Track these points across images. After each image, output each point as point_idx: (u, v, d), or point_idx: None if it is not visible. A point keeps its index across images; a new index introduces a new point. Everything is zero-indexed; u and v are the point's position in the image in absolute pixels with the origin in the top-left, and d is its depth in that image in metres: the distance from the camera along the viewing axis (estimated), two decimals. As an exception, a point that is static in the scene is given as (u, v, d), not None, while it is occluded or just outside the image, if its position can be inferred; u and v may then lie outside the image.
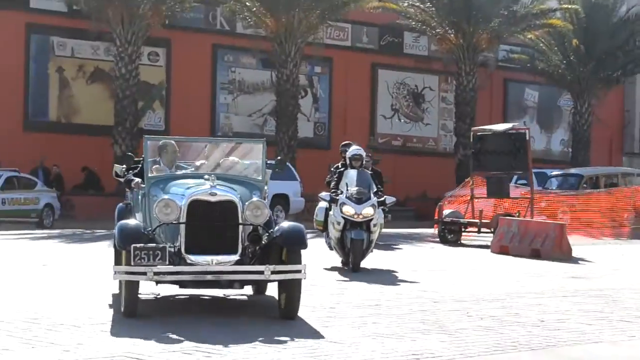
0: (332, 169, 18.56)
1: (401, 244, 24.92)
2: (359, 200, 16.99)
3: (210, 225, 11.10)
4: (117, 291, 12.22)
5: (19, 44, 38.58)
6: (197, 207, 11.02)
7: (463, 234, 25.88)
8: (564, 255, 21.22)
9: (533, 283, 15.90)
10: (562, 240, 21.68)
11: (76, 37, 38.52)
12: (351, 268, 16.81)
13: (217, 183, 11.24)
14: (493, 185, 25.92)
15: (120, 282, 11.26)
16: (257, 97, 42.49)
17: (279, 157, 20.87)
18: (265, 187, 12.45)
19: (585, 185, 32.95)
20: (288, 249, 11.12)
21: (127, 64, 36.68)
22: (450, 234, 25.69)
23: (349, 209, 16.96)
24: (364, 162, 17.84)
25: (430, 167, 44.49)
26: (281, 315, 11.25)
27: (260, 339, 9.64)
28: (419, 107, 47.93)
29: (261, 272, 10.83)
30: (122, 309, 11.07)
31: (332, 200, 17.26)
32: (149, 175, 12.23)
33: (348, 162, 17.72)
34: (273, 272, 10.83)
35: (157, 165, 12.56)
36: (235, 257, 11.02)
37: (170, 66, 41.54)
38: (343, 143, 19.22)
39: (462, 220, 25.68)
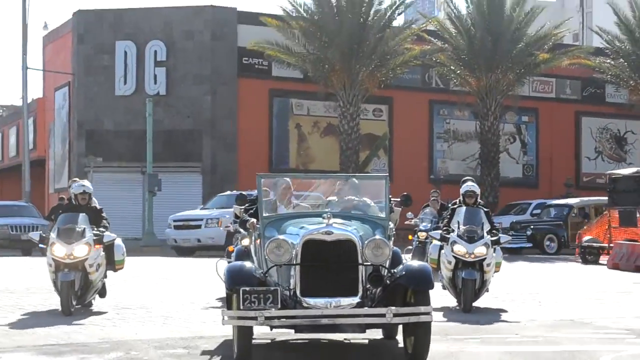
0: (450, 205, 16.95)
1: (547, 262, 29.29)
2: (471, 239, 15.40)
3: (327, 266, 9.98)
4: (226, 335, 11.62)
5: (264, 106, 43.66)
6: (312, 247, 9.93)
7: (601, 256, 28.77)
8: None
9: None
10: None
11: (310, 98, 42.85)
12: (462, 308, 15.16)
13: (333, 221, 10.13)
14: (624, 216, 28.48)
15: (233, 327, 10.14)
16: (470, 144, 45.49)
17: (404, 193, 21.51)
18: (391, 225, 11.27)
19: (574, 215, 35.59)
20: (414, 289, 10.03)
21: (349, 121, 40.76)
22: (590, 255, 28.65)
23: (460, 248, 15.37)
24: (477, 199, 16.07)
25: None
26: None
27: None
28: (621, 149, 49.69)
29: (382, 315, 9.71)
30: (235, 356, 10.08)
31: (443, 239, 15.70)
32: (264, 214, 11.09)
33: (461, 198, 16.01)
34: (396, 315, 9.70)
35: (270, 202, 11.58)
36: (356, 300, 9.90)
37: (392, 120, 45.49)
38: (463, 179, 17.28)
39: (595, 244, 28.76)
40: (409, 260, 11.64)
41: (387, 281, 10.06)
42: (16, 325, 13.24)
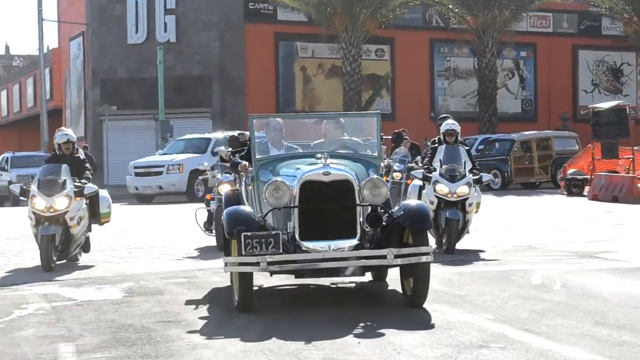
0: (429, 144, 16.63)
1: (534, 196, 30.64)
2: (453, 178, 14.97)
3: (325, 208, 9.70)
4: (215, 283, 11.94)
5: (270, 50, 45.25)
6: (310, 189, 9.62)
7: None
8: (636, 199, 26.05)
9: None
10: (633, 188, 26.67)
11: (315, 41, 44.33)
12: (444, 250, 14.71)
13: (330, 162, 9.83)
14: (606, 149, 30.03)
15: (232, 273, 10.01)
16: (470, 81, 46.90)
17: (395, 130, 19.81)
18: (382, 164, 11.10)
19: (516, 150, 35.83)
20: (412, 229, 9.73)
21: (351, 63, 42.38)
22: (575, 188, 30.23)
23: (443, 188, 14.92)
24: (459, 137, 15.70)
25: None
26: (407, 303, 9.88)
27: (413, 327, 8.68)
28: (617, 81, 51.13)
29: (384, 257, 9.48)
30: (235, 304, 9.84)
31: (425, 178, 15.26)
32: (257, 157, 10.77)
33: (442, 137, 15.56)
34: (397, 256, 9.47)
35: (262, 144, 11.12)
36: (354, 242, 9.65)
37: (394, 60, 47.00)
38: (441, 116, 17.22)
39: (579, 177, 30.31)
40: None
41: (385, 222, 9.80)
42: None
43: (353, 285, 11.44)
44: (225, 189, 14.98)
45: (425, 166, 15.56)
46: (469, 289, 11.19)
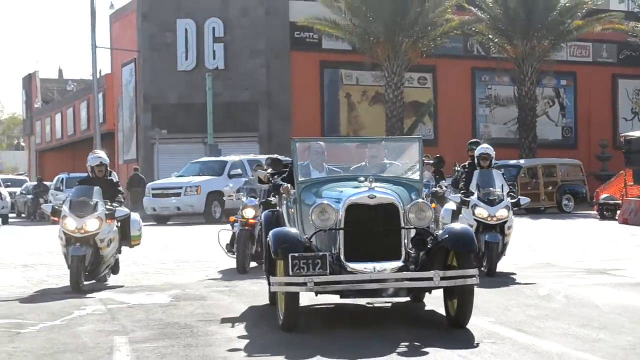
0: (459, 169, 16.95)
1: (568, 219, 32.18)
2: (492, 201, 15.29)
3: (370, 231, 9.93)
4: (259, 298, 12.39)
5: (315, 77, 46.66)
6: (355, 212, 9.90)
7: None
8: (662, 223, 27.10)
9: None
10: (663, 212, 27.74)
11: (359, 68, 45.38)
12: (485, 273, 14.74)
13: (375, 185, 10.10)
14: (637, 175, 31.06)
15: (277, 293, 10.20)
16: (510, 109, 47.69)
17: (437, 155, 19.80)
18: (439, 187, 11.32)
19: (523, 176, 36.71)
20: (457, 252, 9.95)
21: (393, 90, 43.63)
22: (607, 212, 31.34)
23: (482, 211, 15.20)
24: (492, 162, 15.95)
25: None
26: (451, 324, 10.05)
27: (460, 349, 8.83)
28: (658, 108, 52.13)
29: (430, 279, 9.69)
30: (281, 323, 10.07)
31: (463, 203, 15.59)
32: (300, 179, 11.01)
33: (476, 161, 15.91)
34: (443, 278, 9.68)
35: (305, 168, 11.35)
36: (399, 264, 9.86)
37: (436, 87, 48.21)
38: (470, 141, 17.49)
39: (611, 202, 31.41)
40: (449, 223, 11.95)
41: (430, 244, 9.98)
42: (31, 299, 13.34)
43: (389, 305, 11.66)
44: (250, 212, 16.38)
45: (462, 190, 15.84)
46: (479, 297, 12.43)
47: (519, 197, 16.00)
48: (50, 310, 11.91)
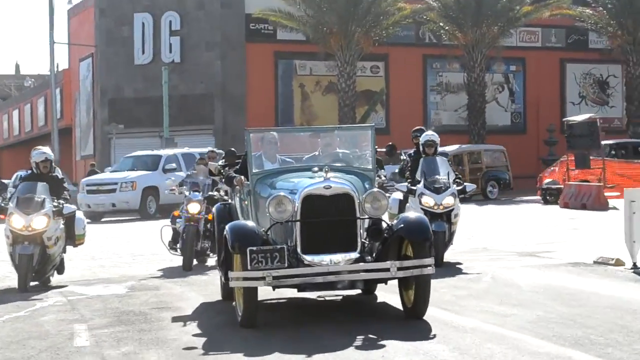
0: (405, 157, 16.79)
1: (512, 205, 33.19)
2: (438, 189, 15.17)
3: (326, 222, 9.90)
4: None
5: (270, 68, 47.56)
6: (311, 203, 9.86)
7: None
8: (602, 206, 28.22)
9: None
10: (600, 196, 28.86)
11: (312, 59, 46.32)
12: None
13: (330, 175, 10.04)
14: (579, 159, 32.28)
15: (236, 288, 10.13)
16: (461, 95, 48.70)
17: (389, 143, 19.07)
18: (377, 177, 11.66)
19: (450, 163, 37.67)
20: (413, 241, 9.93)
21: (346, 80, 44.67)
22: (550, 197, 32.45)
23: (429, 200, 15.09)
24: (437, 149, 15.83)
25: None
26: (408, 315, 10.12)
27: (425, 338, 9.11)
28: (604, 92, 53.38)
29: (387, 269, 9.69)
30: (239, 319, 10.09)
31: (409, 191, 15.38)
32: (254, 171, 10.98)
33: (421, 148, 15.74)
34: (400, 269, 9.68)
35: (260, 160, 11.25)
36: (355, 255, 9.87)
37: (388, 75, 49.26)
38: (415, 128, 17.15)
39: (554, 186, 32.55)
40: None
41: (386, 234, 10.04)
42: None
43: (340, 297, 11.81)
44: (194, 207, 16.24)
45: (408, 179, 15.67)
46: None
47: (465, 184, 15.89)
48: (13, 303, 12.78)
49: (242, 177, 11.23)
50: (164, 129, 43.60)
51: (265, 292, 10.76)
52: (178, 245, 16.66)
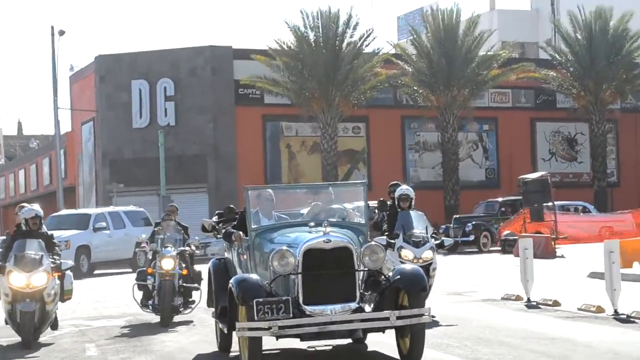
0: (376, 210, 17.10)
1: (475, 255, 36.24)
2: (417, 243, 15.64)
3: (326, 274, 10.45)
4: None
5: (258, 130, 51.57)
6: (312, 256, 10.41)
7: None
8: (550, 255, 31.77)
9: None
10: (548, 246, 32.51)
11: (298, 121, 50.18)
12: None
13: (330, 230, 10.60)
14: (534, 213, 35.96)
15: (240, 339, 10.77)
16: (437, 153, 52.48)
17: (381, 199, 19.19)
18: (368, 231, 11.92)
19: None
20: (410, 292, 10.50)
21: (328, 140, 48.74)
22: (509, 247, 35.96)
23: (408, 253, 15.52)
24: (412, 203, 16.14)
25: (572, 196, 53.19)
26: None
27: None
28: (572, 149, 57.35)
29: (387, 318, 10.23)
30: None
31: (389, 245, 15.47)
32: (253, 226, 11.53)
33: (396, 202, 16.11)
34: (399, 317, 10.23)
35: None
36: (354, 305, 10.41)
37: (369, 135, 53.27)
38: (391, 183, 17.40)
39: (511, 237, 36.06)
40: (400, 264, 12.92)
41: (383, 285, 10.59)
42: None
43: (330, 347, 12.27)
44: (168, 263, 16.36)
45: (386, 232, 16.03)
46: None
47: (443, 238, 16.62)
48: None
49: (241, 232, 11.86)
50: (161, 187, 47.24)
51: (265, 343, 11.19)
52: (150, 302, 16.88)
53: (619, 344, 12.53)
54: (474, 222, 40.02)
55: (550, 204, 35.85)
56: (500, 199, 42.47)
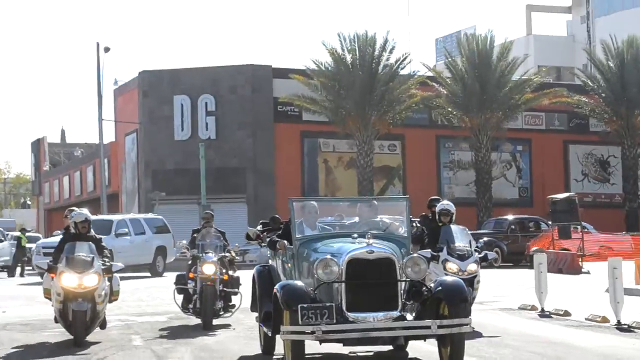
0: (417, 224, 17.05)
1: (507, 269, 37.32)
2: (462, 256, 16.10)
3: (369, 283, 10.83)
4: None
5: (296, 146, 53.35)
6: (355, 265, 10.79)
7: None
8: (576, 271, 33.07)
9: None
10: (574, 262, 33.85)
11: (335, 137, 51.88)
12: None
13: (373, 241, 10.98)
14: (561, 231, 37.19)
15: (284, 342, 11.09)
16: (470, 172, 53.86)
17: (422, 214, 19.47)
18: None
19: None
20: (451, 303, 10.79)
21: (364, 157, 50.20)
22: None
23: (453, 266, 15.95)
24: (453, 218, 16.60)
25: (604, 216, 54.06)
26: None
27: None
28: (605, 171, 58.62)
29: (428, 327, 10.56)
30: None
31: (433, 258, 15.93)
32: (297, 236, 11.98)
33: (437, 217, 16.55)
34: (440, 327, 10.53)
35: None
36: (396, 314, 10.76)
37: (405, 153, 54.83)
38: (431, 198, 17.99)
39: (539, 253, 37.26)
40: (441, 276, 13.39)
41: (425, 296, 10.94)
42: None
43: (372, 353, 12.73)
44: (210, 269, 16.88)
45: (427, 246, 16.33)
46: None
47: (486, 252, 16.88)
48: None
49: (285, 241, 12.41)
50: (201, 197, 48.84)
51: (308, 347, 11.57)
52: (190, 306, 17.49)
53: (610, 347, 13.89)
54: (484, 239, 40.98)
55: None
56: (510, 217, 43.44)
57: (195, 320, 17.70)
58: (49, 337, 15.95)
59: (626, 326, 16.26)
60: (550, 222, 38.89)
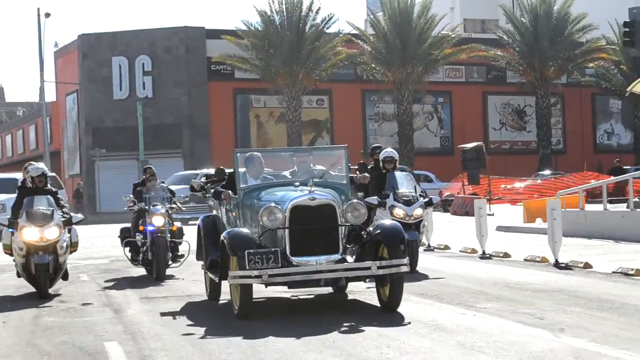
0: (356, 167, 17.97)
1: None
2: (408, 202, 16.40)
3: (311, 228, 11.16)
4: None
5: (229, 102, 56.50)
6: (298, 212, 11.13)
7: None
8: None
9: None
10: (479, 206, 37.35)
11: (265, 94, 55.11)
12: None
13: (314, 189, 11.31)
14: (470, 177, 40.93)
15: (231, 287, 11.44)
16: (394, 123, 57.20)
17: (361, 161, 20.31)
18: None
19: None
20: (389, 244, 11.14)
21: (293, 112, 53.60)
22: (448, 206, 40.73)
23: (400, 211, 16.25)
24: (396, 164, 17.00)
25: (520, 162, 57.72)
26: (384, 308, 11.39)
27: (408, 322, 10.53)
28: (521, 119, 62.63)
29: (368, 268, 10.97)
30: (236, 313, 11.29)
31: (380, 204, 16.38)
32: (241, 186, 12.26)
33: (381, 164, 16.91)
34: (379, 267, 10.93)
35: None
36: (337, 257, 11.16)
37: (332, 107, 58.24)
38: (373, 145, 18.56)
39: (450, 198, 40.90)
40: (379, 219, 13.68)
41: (365, 239, 11.33)
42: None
43: (313, 296, 13.30)
44: (159, 220, 16.96)
45: (376, 193, 16.60)
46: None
47: (431, 197, 17.55)
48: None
49: (230, 191, 12.67)
50: (140, 153, 51.58)
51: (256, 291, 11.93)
52: (139, 258, 17.68)
53: (550, 282, 14.64)
54: None
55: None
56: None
57: (142, 271, 18.13)
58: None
59: (564, 265, 16.85)
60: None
